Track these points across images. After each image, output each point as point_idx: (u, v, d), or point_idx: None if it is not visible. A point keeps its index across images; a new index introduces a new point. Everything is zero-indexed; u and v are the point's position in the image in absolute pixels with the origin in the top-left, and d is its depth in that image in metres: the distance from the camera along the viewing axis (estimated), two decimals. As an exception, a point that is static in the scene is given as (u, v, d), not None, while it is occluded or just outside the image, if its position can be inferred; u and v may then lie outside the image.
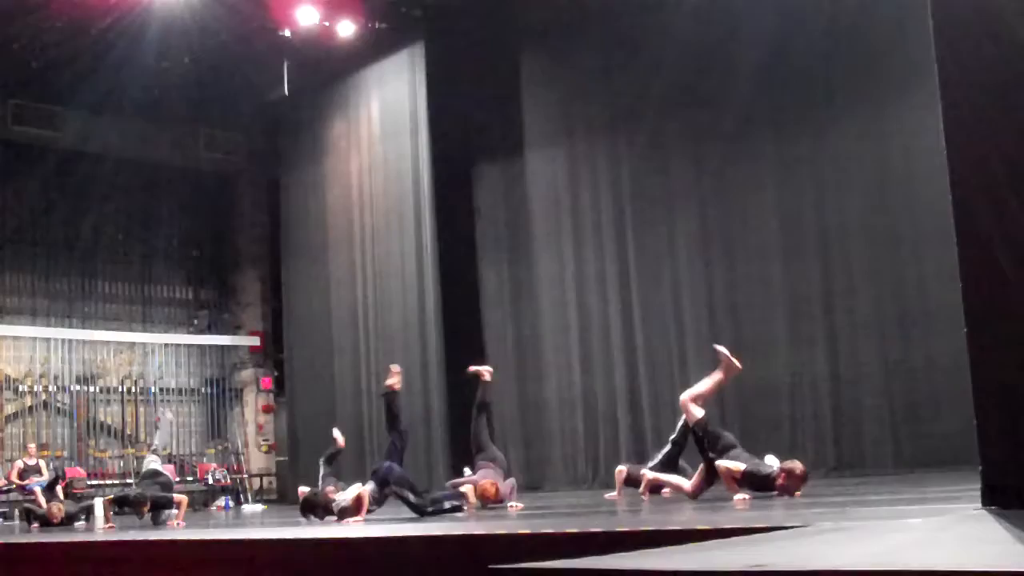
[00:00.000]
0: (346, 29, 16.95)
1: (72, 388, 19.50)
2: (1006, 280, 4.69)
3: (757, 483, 8.65)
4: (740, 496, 8.46)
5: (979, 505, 4.72)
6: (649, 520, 7.02)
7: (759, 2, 13.27)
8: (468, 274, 16.99)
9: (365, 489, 9.76)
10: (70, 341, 19.66)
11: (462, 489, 10.64)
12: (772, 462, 9.08)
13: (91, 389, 19.71)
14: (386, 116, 17.89)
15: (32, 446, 17.90)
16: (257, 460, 21.19)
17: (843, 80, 13.24)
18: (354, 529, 8.53)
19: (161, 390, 20.30)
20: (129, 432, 19.97)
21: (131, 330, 20.49)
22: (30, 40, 16.53)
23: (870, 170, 13.05)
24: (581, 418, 15.44)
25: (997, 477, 4.70)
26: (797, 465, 8.65)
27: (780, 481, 8.50)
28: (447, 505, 9.72)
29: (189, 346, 21.00)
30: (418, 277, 16.91)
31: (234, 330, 21.59)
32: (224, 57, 17.43)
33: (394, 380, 10.76)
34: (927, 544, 3.83)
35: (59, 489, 17.33)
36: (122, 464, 19.71)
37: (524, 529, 6.20)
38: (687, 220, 14.68)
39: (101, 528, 12.74)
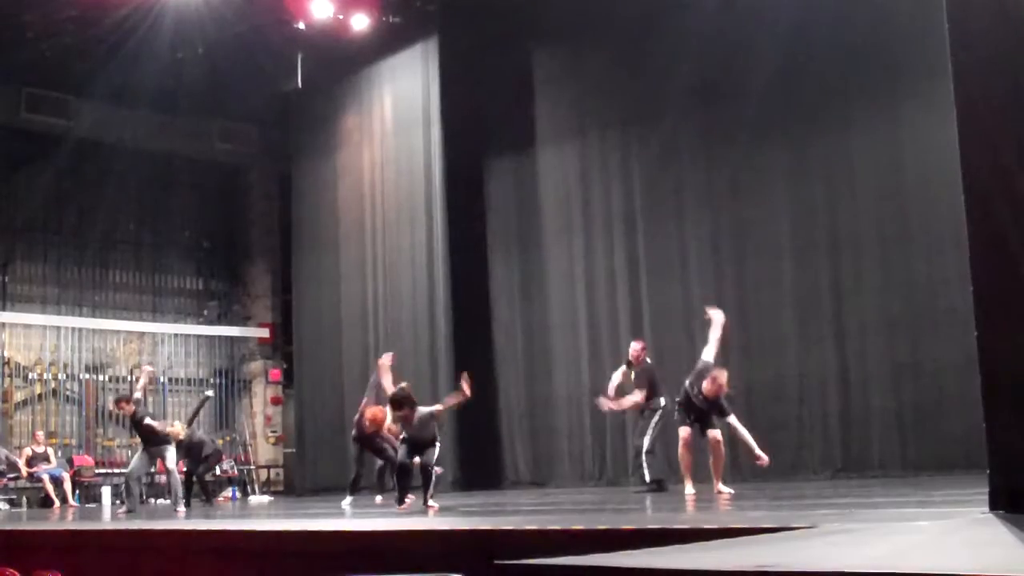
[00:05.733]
0: (360, 22, 16.96)
1: (81, 376, 19.57)
2: (1019, 275, 4.65)
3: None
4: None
5: (986, 509, 4.70)
6: (655, 518, 7.02)
7: (774, 3, 13.24)
8: (478, 269, 16.98)
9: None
10: (80, 329, 19.73)
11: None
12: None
13: (100, 378, 19.79)
14: (399, 110, 17.89)
15: (40, 433, 17.97)
16: (265, 451, 21.24)
17: (857, 81, 13.20)
18: (362, 522, 8.55)
19: (170, 380, 20.35)
20: (137, 421, 19.99)
21: (141, 319, 20.56)
22: (44, 28, 16.57)
23: (882, 171, 13.02)
24: (589, 414, 15.43)
25: (1005, 481, 4.67)
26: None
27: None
28: None
29: (199, 337, 21.06)
30: (428, 271, 16.93)
31: (244, 321, 21.64)
32: (238, 49, 17.43)
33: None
34: (934, 547, 3.82)
35: (67, 477, 17.43)
36: (130, 453, 19.74)
37: (530, 525, 6.21)
38: (698, 219, 14.65)
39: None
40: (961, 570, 2.88)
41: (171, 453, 13.32)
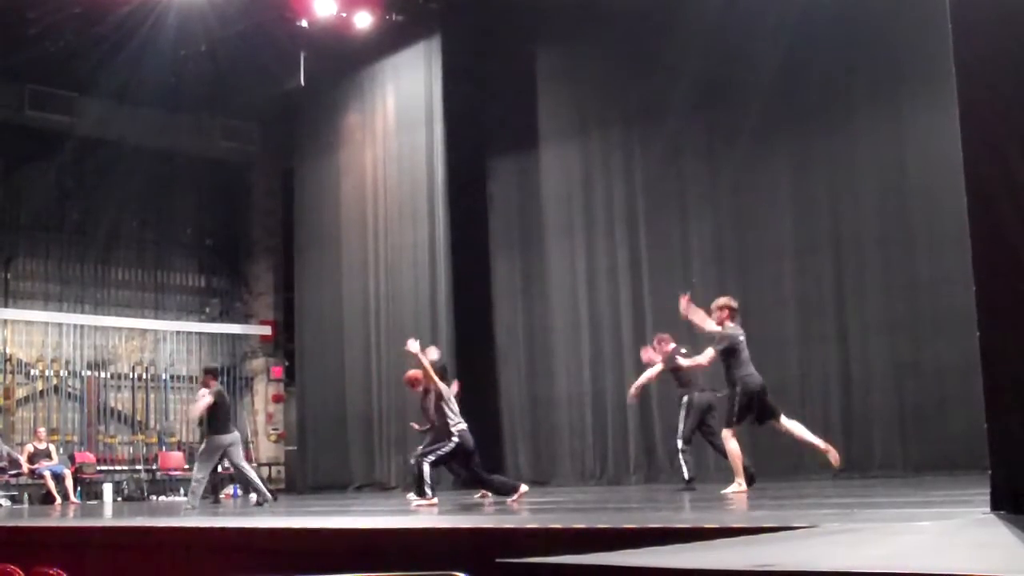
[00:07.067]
0: (363, 20, 16.95)
1: (83, 373, 19.58)
2: (1021, 276, 4.64)
3: None
4: None
5: (988, 509, 4.70)
6: (656, 518, 7.02)
7: (777, 3, 13.24)
8: (480, 267, 16.98)
9: None
10: (82, 327, 19.74)
11: None
12: None
13: (102, 375, 19.80)
14: (401, 108, 17.89)
15: (42, 430, 17.98)
16: (266, 449, 21.25)
17: (860, 80, 13.19)
18: (364, 520, 8.55)
19: (172, 377, 20.37)
20: (139, 418, 20.03)
21: (143, 317, 20.58)
22: (47, 26, 16.55)
23: (885, 171, 13.01)
24: (590, 413, 15.44)
25: (1007, 481, 4.67)
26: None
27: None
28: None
29: (200, 334, 21.07)
30: (430, 269, 16.92)
31: (246, 319, 21.65)
32: (241, 47, 17.43)
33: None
34: (935, 548, 3.82)
35: (68, 474, 17.44)
36: (131, 450, 19.78)
37: (532, 524, 6.21)
38: (700, 218, 14.65)
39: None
40: (962, 571, 2.88)
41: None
